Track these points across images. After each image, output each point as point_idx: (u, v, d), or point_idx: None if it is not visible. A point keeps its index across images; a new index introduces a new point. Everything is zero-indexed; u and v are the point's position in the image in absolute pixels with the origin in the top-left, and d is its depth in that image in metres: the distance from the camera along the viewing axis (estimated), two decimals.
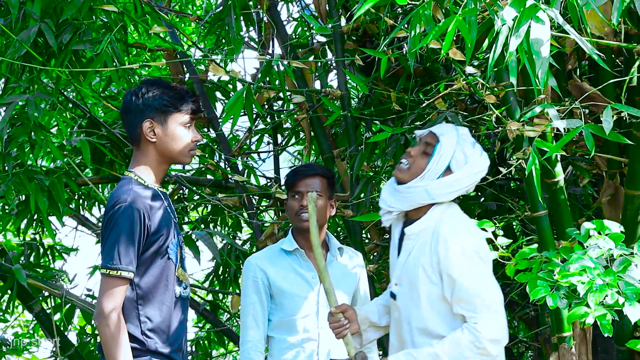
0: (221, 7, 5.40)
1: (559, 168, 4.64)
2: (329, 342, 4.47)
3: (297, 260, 4.51)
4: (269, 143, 6.83)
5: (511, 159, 4.59)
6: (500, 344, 3.67)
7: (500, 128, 4.54)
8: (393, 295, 3.90)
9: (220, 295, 7.67)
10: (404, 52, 4.89)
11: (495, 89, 4.52)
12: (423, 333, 3.78)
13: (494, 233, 3.99)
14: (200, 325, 7.85)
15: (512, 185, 5.87)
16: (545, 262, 3.92)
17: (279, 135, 6.67)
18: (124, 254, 3.61)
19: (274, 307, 4.47)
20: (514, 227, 6.00)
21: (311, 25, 5.73)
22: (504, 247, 3.97)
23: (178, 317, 3.77)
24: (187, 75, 6.10)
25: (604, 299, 3.68)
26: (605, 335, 3.66)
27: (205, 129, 6.32)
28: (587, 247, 3.89)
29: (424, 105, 4.88)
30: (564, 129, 4.18)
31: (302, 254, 4.50)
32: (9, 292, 6.09)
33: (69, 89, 6.38)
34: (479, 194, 5.86)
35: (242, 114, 5.15)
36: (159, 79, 3.99)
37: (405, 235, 3.85)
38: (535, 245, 4.03)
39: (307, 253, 4.51)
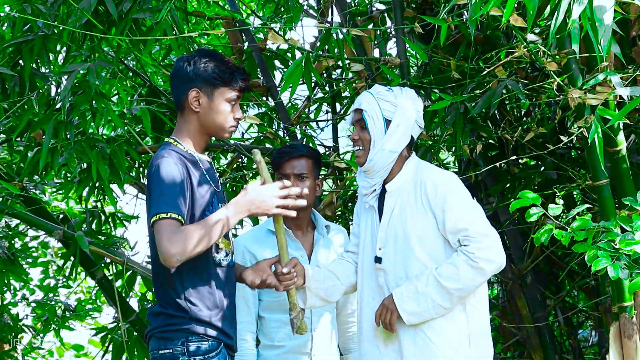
0: None
1: (621, 136, 4.57)
2: (321, 317, 4.51)
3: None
4: (327, 112, 6.82)
5: (572, 127, 4.54)
6: (495, 263, 3.85)
7: (561, 96, 4.49)
8: (378, 260, 4.02)
9: None
10: (465, 19, 4.84)
11: (557, 56, 4.46)
12: None
13: (545, 202, 3.96)
14: None
15: (572, 154, 5.80)
16: (604, 232, 3.87)
17: (337, 104, 6.66)
18: (170, 200, 3.59)
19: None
20: (575, 196, 5.94)
21: None
22: (559, 215, 3.93)
23: (221, 285, 3.78)
24: (246, 44, 6.10)
25: None
26: None
27: (264, 98, 6.34)
28: None
29: (484, 73, 4.84)
30: (628, 96, 4.11)
31: (290, 234, 4.50)
32: (72, 258, 6.18)
33: (129, 58, 6.43)
34: (539, 162, 5.80)
35: (301, 82, 5.15)
36: (213, 50, 4.00)
37: (387, 193, 4.03)
38: (590, 216, 3.98)
39: (295, 233, 4.53)
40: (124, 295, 6.52)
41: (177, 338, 3.68)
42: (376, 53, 5.79)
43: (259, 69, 6.06)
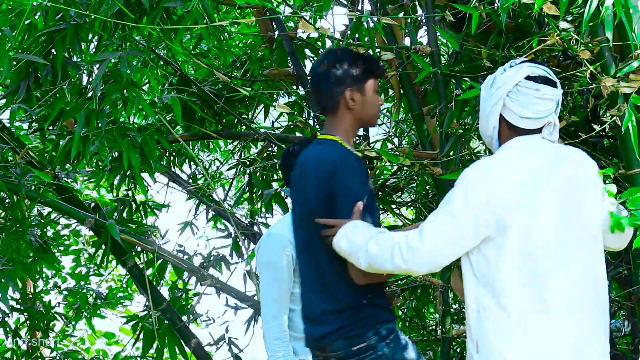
0: None
1: None
2: None
3: None
4: None
5: (605, 116, 4.50)
6: (406, 265, 3.51)
7: (594, 84, 4.46)
8: None
9: None
10: (496, 7, 4.80)
11: (590, 44, 4.42)
12: None
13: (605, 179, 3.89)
14: None
15: (605, 142, 5.76)
16: None
17: None
18: (368, 211, 3.72)
19: (296, 280, 4.44)
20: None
21: None
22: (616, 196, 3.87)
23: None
24: (277, 33, 6.10)
25: None
26: None
27: (294, 87, 6.33)
28: None
29: None
30: None
31: None
32: (103, 246, 6.22)
33: (160, 47, 6.45)
34: None
35: None
36: (343, 47, 4.16)
37: None
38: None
39: None
40: (154, 283, 6.56)
41: (367, 331, 3.74)
42: (407, 41, 5.76)
43: (289, 58, 6.06)
